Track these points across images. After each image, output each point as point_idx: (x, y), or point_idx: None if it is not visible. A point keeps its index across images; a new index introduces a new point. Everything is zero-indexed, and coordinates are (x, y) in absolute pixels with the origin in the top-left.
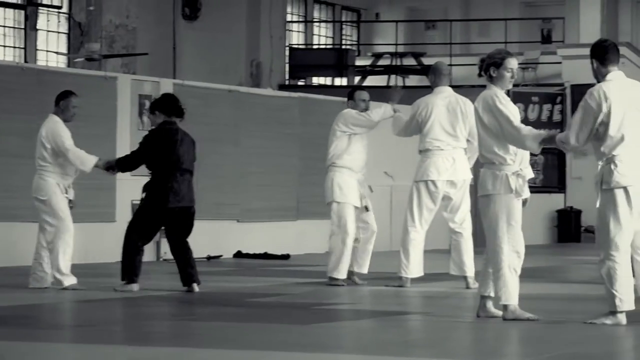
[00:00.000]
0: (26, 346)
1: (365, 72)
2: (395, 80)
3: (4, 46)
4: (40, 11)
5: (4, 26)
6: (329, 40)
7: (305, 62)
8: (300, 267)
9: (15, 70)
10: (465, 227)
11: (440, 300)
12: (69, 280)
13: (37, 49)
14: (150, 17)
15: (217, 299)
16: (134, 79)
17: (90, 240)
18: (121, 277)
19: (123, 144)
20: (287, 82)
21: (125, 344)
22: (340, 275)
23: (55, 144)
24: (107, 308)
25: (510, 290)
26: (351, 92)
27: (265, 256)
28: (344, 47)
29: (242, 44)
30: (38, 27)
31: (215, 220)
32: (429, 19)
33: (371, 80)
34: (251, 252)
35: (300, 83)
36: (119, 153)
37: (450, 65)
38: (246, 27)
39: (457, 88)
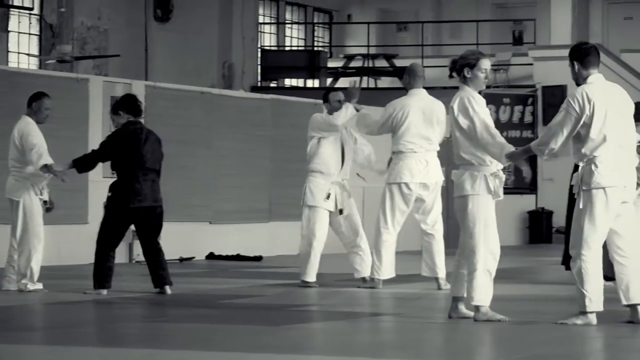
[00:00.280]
0: None
1: (337, 73)
2: (357, 81)
3: None
4: (11, 13)
5: None
6: (301, 42)
7: (278, 63)
8: (273, 268)
9: None
10: (437, 229)
11: (412, 301)
12: (34, 286)
13: (9, 51)
14: (122, 18)
15: (189, 300)
16: (105, 81)
17: (63, 242)
18: (93, 283)
19: (95, 145)
20: (259, 84)
21: (97, 346)
22: (309, 279)
23: (26, 143)
24: (79, 310)
25: (484, 292)
26: (326, 94)
27: (238, 258)
28: (316, 48)
29: (214, 45)
30: (9, 29)
31: (188, 222)
32: (401, 21)
33: (343, 82)
34: (223, 253)
35: (273, 85)
36: None
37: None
38: (218, 28)
39: (428, 90)
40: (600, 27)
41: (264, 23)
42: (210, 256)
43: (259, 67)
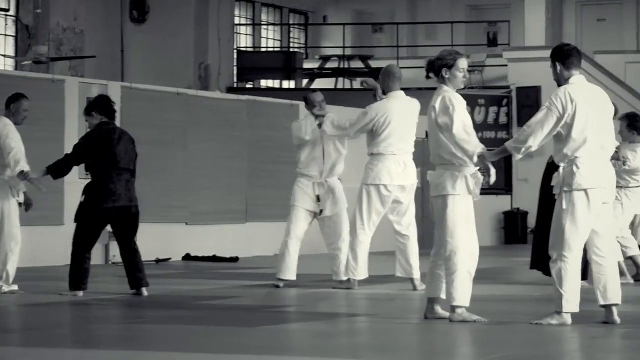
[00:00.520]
0: None
1: (313, 75)
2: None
3: None
4: None
5: None
6: (277, 43)
7: (254, 65)
8: (249, 269)
9: None
10: (412, 231)
11: (388, 302)
12: (9, 288)
13: None
14: (98, 20)
15: (166, 302)
16: (81, 82)
17: (39, 243)
18: (69, 284)
19: (70, 146)
20: (235, 85)
21: (73, 348)
22: (282, 276)
23: (4, 145)
24: (55, 312)
25: (464, 293)
26: (305, 97)
27: (214, 259)
28: (292, 50)
29: (191, 47)
30: None
31: (164, 223)
32: (376, 22)
33: (319, 83)
34: (200, 255)
35: (249, 86)
36: None
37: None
38: (194, 30)
39: (404, 91)
40: (574, 29)
41: (240, 24)
42: (187, 257)
43: (235, 68)
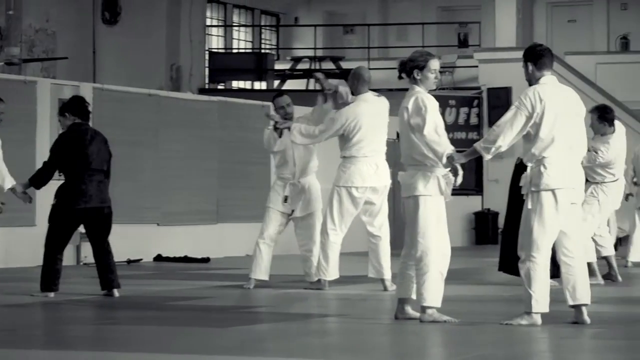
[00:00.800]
0: None
1: (284, 76)
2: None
3: None
4: None
5: None
6: (249, 45)
7: (225, 66)
8: (221, 270)
9: None
10: (384, 231)
11: (359, 302)
12: None
13: None
14: (70, 21)
15: (137, 302)
16: (53, 83)
17: (10, 244)
18: (40, 285)
19: (43, 148)
20: (206, 86)
21: (44, 349)
22: (253, 275)
23: None
24: (26, 312)
25: (435, 293)
26: (273, 98)
27: (186, 259)
28: (263, 51)
29: (162, 48)
30: None
31: (135, 223)
32: (348, 24)
33: (290, 84)
34: (171, 255)
35: (220, 87)
36: (39, 157)
37: (369, 69)
38: (166, 31)
39: (375, 92)
40: (545, 30)
41: (212, 26)
42: (158, 258)
43: (207, 69)
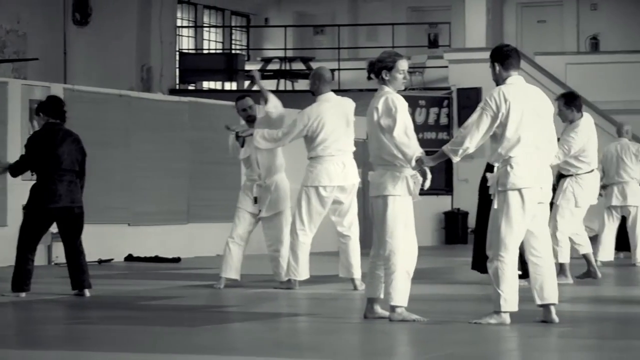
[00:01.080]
0: None
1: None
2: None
3: None
4: None
5: None
6: (219, 45)
7: (196, 66)
8: (191, 270)
9: None
10: (353, 231)
11: (329, 302)
12: None
13: None
14: (41, 22)
15: (108, 302)
16: (24, 84)
17: None
18: (11, 286)
19: (14, 148)
20: (177, 87)
21: (16, 348)
22: (223, 274)
23: None
24: None
25: (402, 293)
26: (235, 101)
27: (156, 259)
28: (233, 51)
29: (133, 48)
30: None
31: (106, 223)
32: (318, 24)
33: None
34: (142, 255)
35: (191, 87)
36: (10, 157)
37: (339, 69)
38: (137, 32)
39: (345, 92)
40: (515, 30)
41: (182, 26)
42: (129, 258)
43: (177, 70)
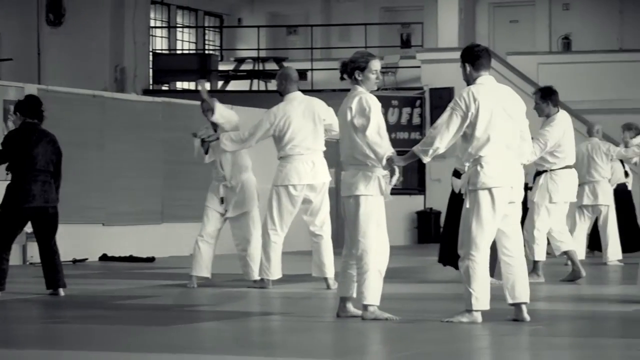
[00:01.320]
0: None
1: (228, 76)
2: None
3: None
4: None
5: None
6: (192, 46)
7: (169, 67)
8: (165, 269)
9: None
10: (325, 230)
11: (302, 301)
12: None
13: None
14: (15, 23)
15: (82, 301)
16: None
17: None
18: None
19: None
20: (151, 87)
21: None
22: (194, 273)
23: None
24: None
25: (375, 292)
26: (200, 104)
27: (131, 259)
28: (207, 52)
29: (107, 49)
30: None
31: (81, 223)
32: (291, 24)
33: (234, 85)
34: (117, 255)
35: (164, 88)
36: None
37: (312, 70)
38: (110, 32)
39: (318, 92)
40: (487, 30)
41: (156, 27)
42: (104, 257)
43: (151, 70)
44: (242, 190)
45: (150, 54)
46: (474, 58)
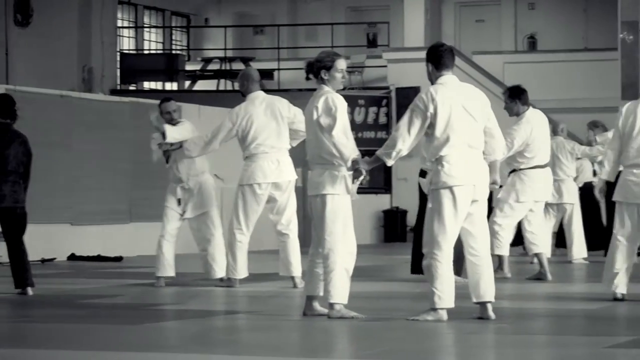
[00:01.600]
0: None
1: (195, 76)
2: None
3: None
4: None
5: None
6: (160, 46)
7: (136, 67)
8: (133, 268)
9: None
10: (292, 229)
11: (268, 299)
12: None
13: None
14: None
15: (50, 300)
16: None
17: None
18: None
19: None
20: (118, 87)
21: None
22: (159, 273)
23: None
24: None
25: (341, 290)
26: (159, 105)
27: (99, 258)
28: (174, 52)
29: (74, 49)
30: None
31: (49, 223)
32: (257, 24)
33: (201, 85)
34: (85, 254)
35: (132, 88)
36: None
37: (278, 69)
38: (78, 33)
39: (284, 92)
40: (453, 30)
41: (123, 27)
42: (72, 257)
43: (118, 70)
44: (199, 192)
45: (118, 54)
46: (436, 58)
